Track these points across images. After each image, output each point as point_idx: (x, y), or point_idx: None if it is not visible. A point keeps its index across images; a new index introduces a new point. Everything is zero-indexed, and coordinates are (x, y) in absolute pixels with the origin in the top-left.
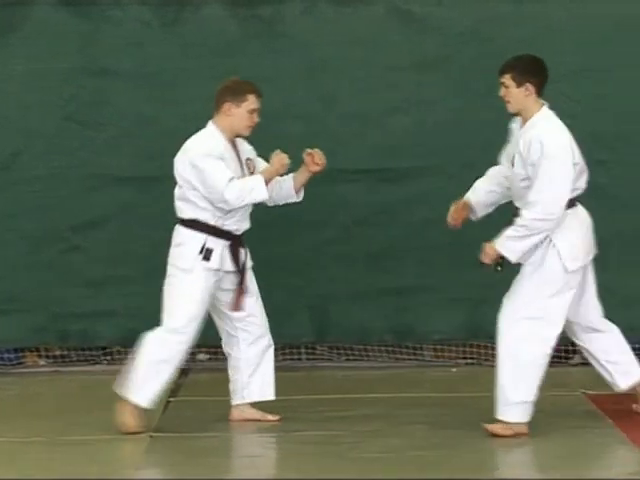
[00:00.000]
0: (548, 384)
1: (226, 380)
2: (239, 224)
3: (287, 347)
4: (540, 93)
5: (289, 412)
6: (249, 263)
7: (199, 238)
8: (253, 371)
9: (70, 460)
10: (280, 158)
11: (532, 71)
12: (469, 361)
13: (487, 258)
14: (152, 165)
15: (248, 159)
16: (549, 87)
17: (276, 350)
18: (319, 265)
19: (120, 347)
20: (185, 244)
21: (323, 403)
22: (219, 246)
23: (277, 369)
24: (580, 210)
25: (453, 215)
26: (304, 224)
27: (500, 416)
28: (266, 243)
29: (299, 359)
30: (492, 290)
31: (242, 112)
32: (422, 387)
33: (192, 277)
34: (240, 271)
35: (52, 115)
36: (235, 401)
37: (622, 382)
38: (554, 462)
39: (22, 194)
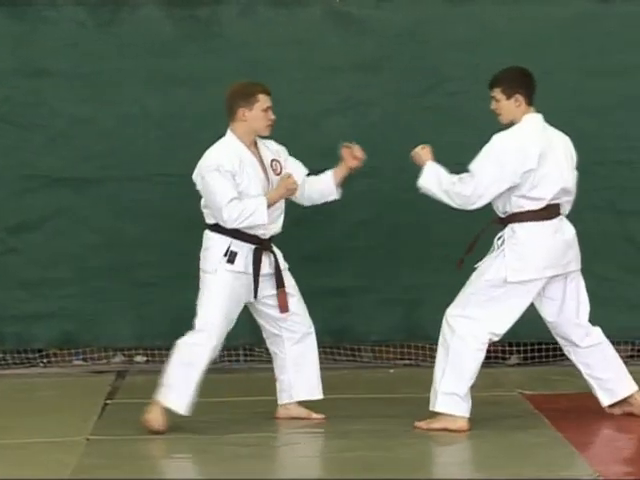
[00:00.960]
0: (485, 384)
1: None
2: (266, 228)
3: (225, 349)
4: (530, 103)
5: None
6: (283, 265)
7: (224, 241)
8: (299, 370)
9: (5, 464)
10: (287, 182)
11: (521, 82)
12: (407, 362)
13: (415, 158)
14: (88, 166)
15: (274, 160)
16: (486, 88)
17: None
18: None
19: (57, 349)
20: (211, 248)
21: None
22: (244, 249)
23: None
24: (554, 224)
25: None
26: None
27: (430, 407)
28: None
29: (237, 361)
30: (430, 291)
31: (256, 113)
32: (360, 388)
33: (215, 279)
34: (275, 274)
35: None
36: (282, 400)
37: (604, 399)
38: (489, 461)
39: None
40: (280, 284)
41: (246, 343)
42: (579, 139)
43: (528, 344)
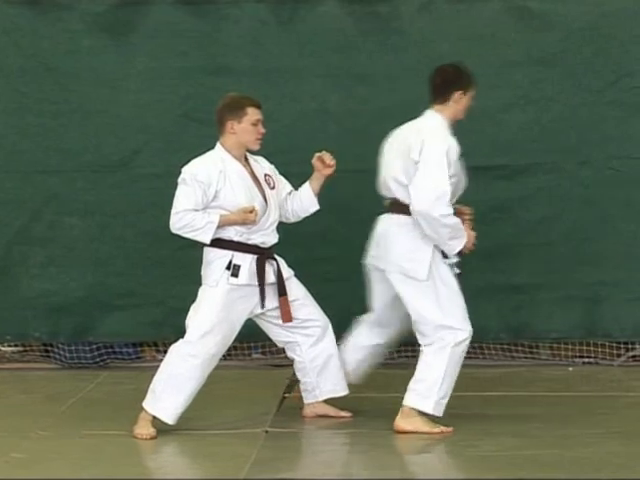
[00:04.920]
0: None
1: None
2: (265, 238)
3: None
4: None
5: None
6: (287, 273)
7: (225, 254)
8: (321, 370)
9: (185, 455)
10: (246, 217)
11: None
12: (586, 360)
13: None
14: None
15: (267, 175)
16: None
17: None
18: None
19: (237, 343)
20: (212, 262)
21: None
22: (247, 261)
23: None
24: None
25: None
26: None
27: None
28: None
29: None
30: (610, 288)
31: (245, 127)
32: (539, 386)
33: (215, 292)
34: (277, 283)
35: (170, 113)
36: (308, 400)
37: None
38: None
39: (141, 191)
40: (282, 292)
41: None
42: None
43: None
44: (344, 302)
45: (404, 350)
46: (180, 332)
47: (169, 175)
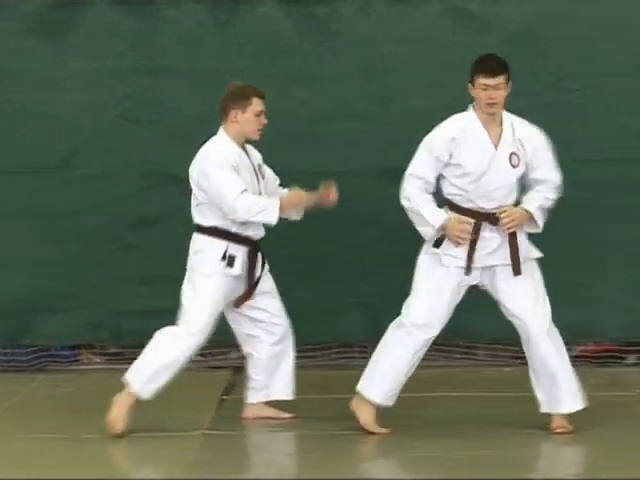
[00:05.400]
0: (603, 384)
1: None
2: (257, 230)
3: (340, 346)
4: None
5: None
6: (266, 267)
7: (220, 245)
8: (274, 370)
9: (122, 457)
10: (299, 196)
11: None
12: (522, 361)
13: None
14: None
15: (259, 164)
16: (607, 84)
17: (331, 348)
18: (368, 263)
19: None
20: (205, 251)
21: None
22: (240, 252)
23: (330, 367)
24: None
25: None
26: (352, 223)
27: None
28: (308, 241)
29: (352, 358)
30: (548, 289)
31: (249, 116)
32: (476, 386)
33: (213, 282)
34: (259, 275)
35: (107, 113)
36: (252, 399)
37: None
38: (604, 462)
39: (78, 193)
40: (255, 284)
41: (361, 340)
42: None
43: None
44: None
45: (343, 352)
46: (117, 335)
47: (106, 176)
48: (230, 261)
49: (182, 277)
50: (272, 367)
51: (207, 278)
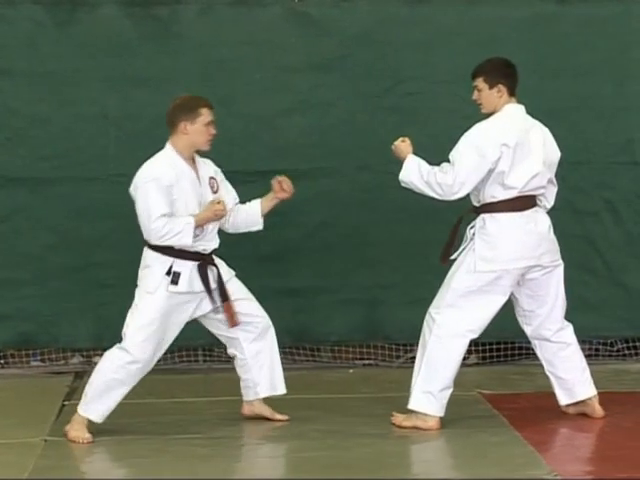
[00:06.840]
0: None
1: None
2: (207, 244)
3: (184, 349)
4: (512, 94)
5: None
6: (227, 275)
7: (165, 261)
8: (261, 367)
9: None
10: (216, 208)
11: (503, 73)
12: (366, 362)
13: (396, 151)
14: (46, 166)
15: (211, 178)
16: (443, 88)
17: (172, 353)
18: None
19: (14, 350)
20: (151, 266)
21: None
22: (187, 268)
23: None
24: (526, 215)
25: None
26: None
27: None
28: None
29: (196, 361)
30: (388, 291)
31: (199, 127)
32: (319, 388)
33: (153, 298)
34: (218, 288)
35: None
36: (247, 397)
37: (562, 398)
38: (448, 461)
39: None
40: (225, 297)
41: (205, 344)
42: None
43: (487, 343)
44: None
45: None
46: None
47: None
48: (175, 278)
49: (24, 282)
50: (259, 364)
51: (149, 295)
